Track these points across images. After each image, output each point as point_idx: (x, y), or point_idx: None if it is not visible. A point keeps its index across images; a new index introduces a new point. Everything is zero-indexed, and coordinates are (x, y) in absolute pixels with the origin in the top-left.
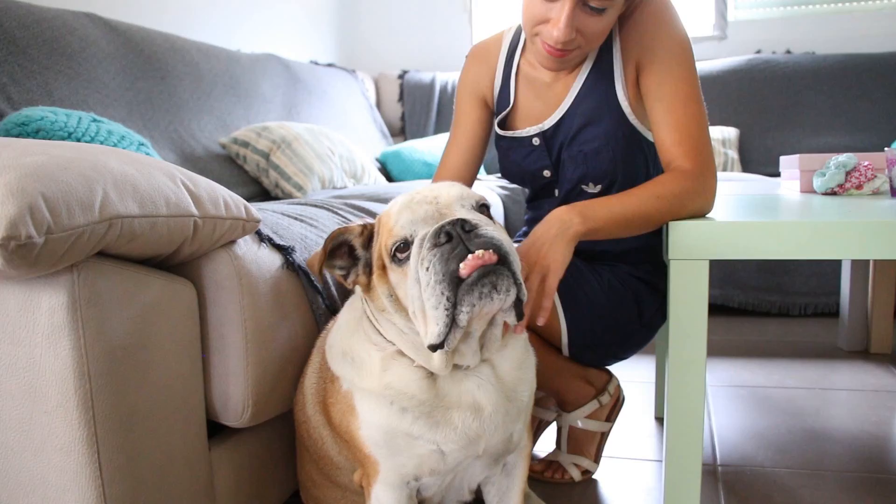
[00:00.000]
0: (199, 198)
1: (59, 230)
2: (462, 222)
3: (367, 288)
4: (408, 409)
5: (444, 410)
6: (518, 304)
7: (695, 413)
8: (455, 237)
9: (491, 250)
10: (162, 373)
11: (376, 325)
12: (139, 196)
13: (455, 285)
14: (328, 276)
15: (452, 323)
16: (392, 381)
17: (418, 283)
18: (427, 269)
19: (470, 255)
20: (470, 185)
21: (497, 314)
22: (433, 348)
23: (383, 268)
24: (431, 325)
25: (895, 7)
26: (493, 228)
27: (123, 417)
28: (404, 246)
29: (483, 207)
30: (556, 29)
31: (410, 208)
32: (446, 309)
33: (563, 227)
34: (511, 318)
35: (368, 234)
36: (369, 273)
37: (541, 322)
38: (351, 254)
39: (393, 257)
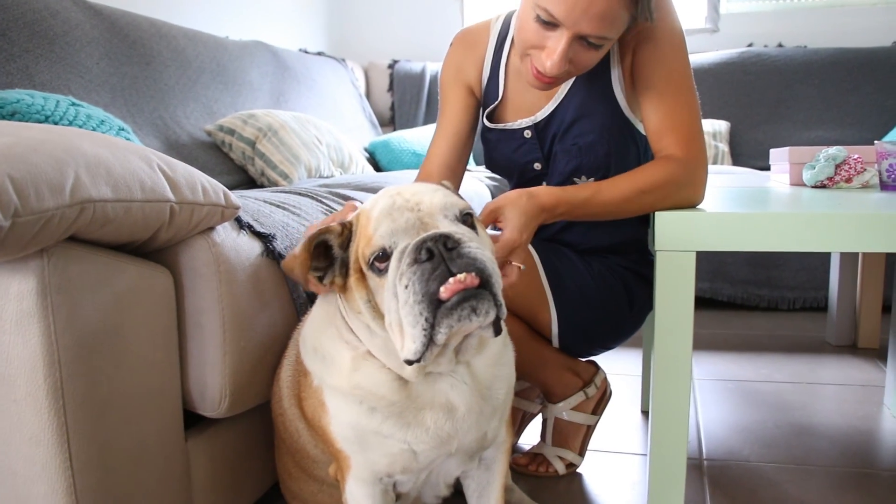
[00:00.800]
0: (176, 183)
1: (27, 213)
2: (444, 238)
3: (344, 289)
4: (377, 408)
5: (416, 411)
6: (496, 321)
7: (680, 407)
8: (436, 255)
9: (473, 273)
10: (136, 361)
11: (349, 323)
12: (113, 180)
13: (434, 307)
14: None
15: (430, 341)
16: (361, 381)
17: (396, 298)
18: (406, 286)
19: (451, 279)
20: (460, 174)
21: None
22: (409, 363)
23: (361, 272)
24: (408, 342)
25: (886, 2)
26: (477, 244)
27: (95, 406)
28: (383, 256)
29: (467, 216)
30: (550, 60)
31: (391, 216)
32: (424, 329)
33: (538, 226)
34: (488, 333)
35: (347, 234)
36: (345, 274)
37: None
38: (327, 254)
39: (371, 266)
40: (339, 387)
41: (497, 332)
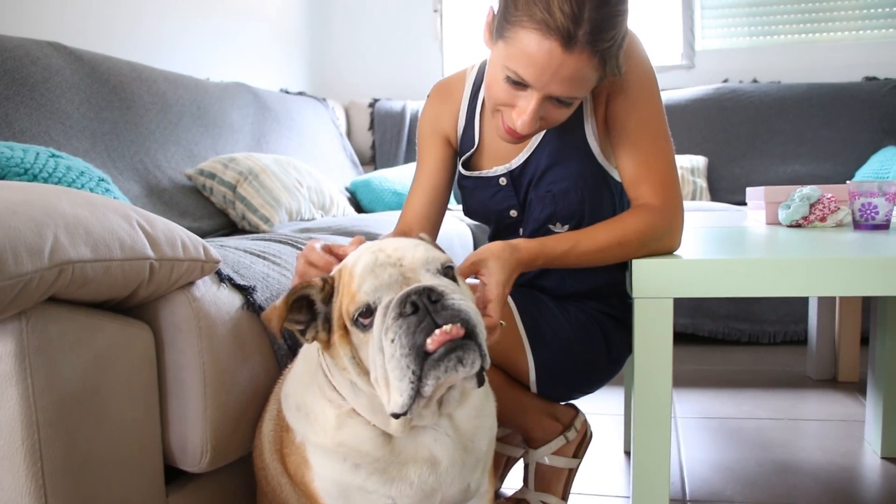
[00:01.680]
0: (155, 239)
1: (5, 278)
2: (429, 291)
3: (327, 345)
4: (361, 465)
5: (400, 466)
6: (480, 371)
7: (661, 452)
8: (421, 308)
9: (458, 324)
10: (116, 419)
11: (331, 381)
12: (92, 240)
13: (421, 359)
14: None
15: (416, 394)
16: (346, 439)
17: (382, 353)
18: (392, 340)
19: (437, 331)
20: (438, 225)
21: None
22: (396, 416)
23: (345, 328)
24: (395, 395)
25: (854, 38)
26: (460, 296)
27: (74, 467)
28: (367, 312)
29: (448, 269)
30: (521, 119)
31: (374, 273)
32: (411, 381)
33: (518, 275)
34: (472, 384)
35: (329, 289)
36: (329, 329)
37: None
38: (310, 308)
39: (356, 322)
40: (323, 444)
41: (480, 382)
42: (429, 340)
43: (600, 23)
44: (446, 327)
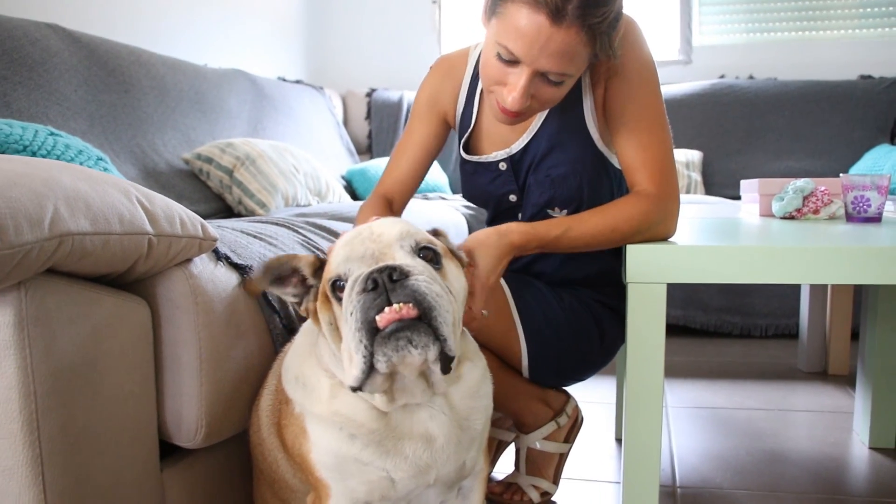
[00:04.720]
0: (154, 215)
1: (5, 247)
2: (391, 270)
3: (315, 316)
4: (357, 435)
5: (395, 440)
6: (444, 358)
7: (652, 436)
8: (380, 285)
9: (411, 304)
10: (112, 392)
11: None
12: (91, 213)
13: (372, 334)
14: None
15: (372, 369)
16: (340, 408)
17: (347, 324)
18: (351, 313)
19: (387, 308)
20: (412, 194)
21: (422, 365)
22: (353, 389)
23: (327, 296)
24: (351, 368)
25: (851, 37)
26: (427, 277)
27: (70, 438)
28: (340, 284)
29: (424, 249)
30: (511, 96)
31: (350, 245)
32: (364, 356)
33: (510, 259)
34: (436, 370)
35: (321, 264)
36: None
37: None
38: (304, 282)
39: (333, 293)
40: (320, 414)
41: (444, 370)
42: (378, 317)
43: None
44: (396, 306)
